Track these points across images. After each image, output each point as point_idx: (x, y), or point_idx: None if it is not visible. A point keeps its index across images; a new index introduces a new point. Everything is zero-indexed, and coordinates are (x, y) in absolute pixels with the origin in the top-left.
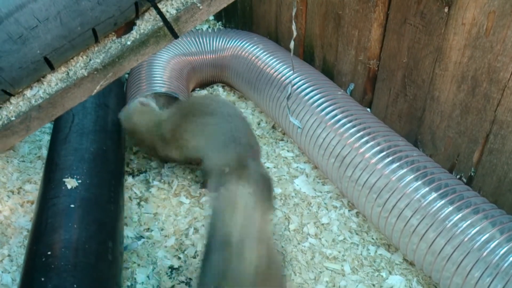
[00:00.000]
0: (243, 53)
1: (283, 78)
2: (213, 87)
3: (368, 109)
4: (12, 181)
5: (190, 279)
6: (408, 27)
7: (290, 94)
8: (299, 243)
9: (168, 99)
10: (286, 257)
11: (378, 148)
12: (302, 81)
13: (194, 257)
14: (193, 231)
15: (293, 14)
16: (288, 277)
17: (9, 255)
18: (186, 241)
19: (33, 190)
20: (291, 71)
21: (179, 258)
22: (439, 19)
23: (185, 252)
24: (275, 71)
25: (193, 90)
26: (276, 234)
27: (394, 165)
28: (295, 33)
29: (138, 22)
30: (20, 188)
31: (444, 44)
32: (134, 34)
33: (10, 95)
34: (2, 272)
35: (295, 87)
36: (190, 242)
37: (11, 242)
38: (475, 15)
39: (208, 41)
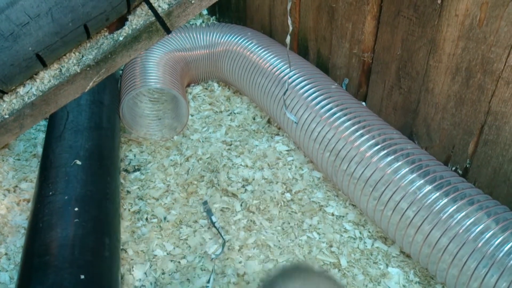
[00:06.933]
0: (237, 47)
1: (278, 72)
2: (208, 82)
3: (363, 103)
4: (8, 179)
5: (188, 280)
6: (402, 19)
7: (287, 89)
8: (296, 237)
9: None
10: (284, 251)
11: (373, 141)
12: (297, 75)
13: (185, 259)
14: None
15: (288, 8)
16: None
17: (6, 254)
18: (182, 236)
19: (29, 188)
20: (287, 66)
21: (176, 257)
22: (432, 10)
23: (182, 248)
24: (270, 65)
25: (188, 85)
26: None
27: (389, 158)
28: (291, 28)
29: (130, 17)
30: (16, 186)
31: (437, 36)
32: (126, 30)
33: (3, 92)
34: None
35: (290, 80)
36: (185, 237)
37: (8, 241)
38: (468, 6)
39: (201, 36)
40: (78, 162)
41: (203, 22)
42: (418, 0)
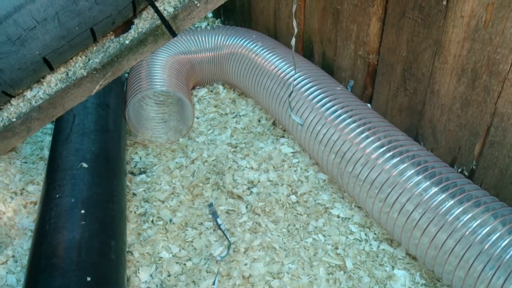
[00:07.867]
0: (243, 50)
1: (283, 74)
2: (213, 85)
3: (369, 105)
4: (15, 182)
5: (194, 282)
6: (407, 21)
7: (291, 91)
8: (301, 239)
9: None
10: (289, 253)
11: (378, 143)
12: (302, 77)
13: (191, 261)
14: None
15: (293, 10)
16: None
17: (13, 256)
18: (187, 238)
19: (35, 191)
20: (292, 68)
21: (181, 259)
22: (437, 12)
23: (188, 251)
24: (275, 68)
25: (193, 88)
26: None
27: (395, 160)
28: (296, 30)
29: (136, 21)
30: (23, 189)
31: (443, 37)
32: (132, 33)
33: (11, 96)
34: (7, 273)
35: (295, 82)
36: (190, 239)
37: (15, 243)
38: (474, 7)
39: (207, 39)
40: (85, 165)
41: (208, 24)
42: (423, 1)
